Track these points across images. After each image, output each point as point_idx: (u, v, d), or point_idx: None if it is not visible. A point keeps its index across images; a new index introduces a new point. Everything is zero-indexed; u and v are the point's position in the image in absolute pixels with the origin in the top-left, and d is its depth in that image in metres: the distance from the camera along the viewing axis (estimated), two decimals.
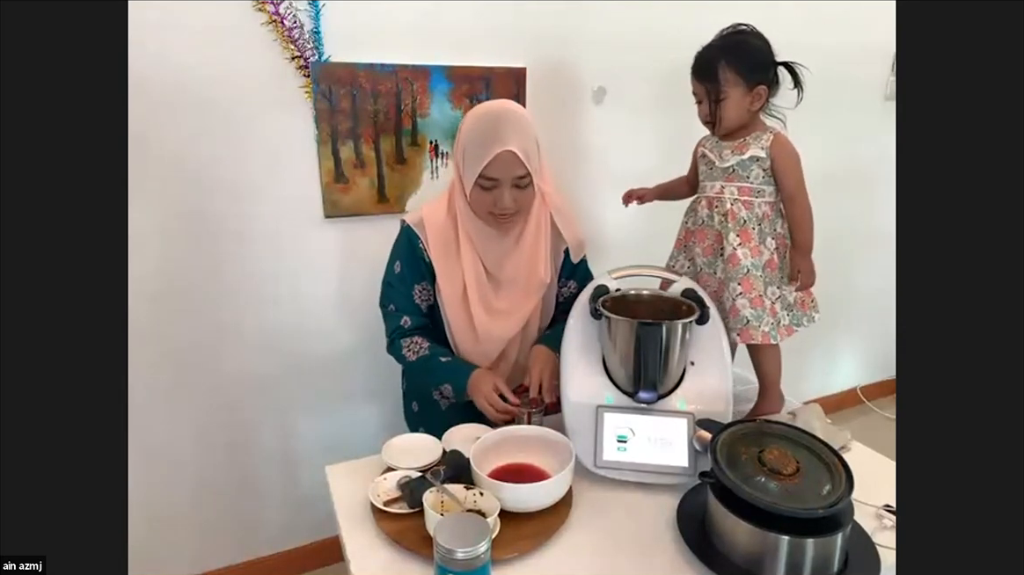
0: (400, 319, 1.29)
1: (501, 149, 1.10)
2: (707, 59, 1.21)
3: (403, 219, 1.29)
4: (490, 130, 1.13)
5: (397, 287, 1.29)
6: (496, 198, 1.15)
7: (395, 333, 1.30)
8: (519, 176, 1.14)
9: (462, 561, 0.72)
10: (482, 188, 1.15)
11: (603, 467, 1.06)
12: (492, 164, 1.11)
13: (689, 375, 1.11)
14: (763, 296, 1.21)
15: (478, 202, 1.18)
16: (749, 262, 1.20)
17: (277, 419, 1.77)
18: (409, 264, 1.28)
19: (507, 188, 1.14)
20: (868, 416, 2.84)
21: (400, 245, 1.30)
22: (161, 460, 1.65)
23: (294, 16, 1.48)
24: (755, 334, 1.20)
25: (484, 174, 1.13)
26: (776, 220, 1.23)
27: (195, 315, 1.59)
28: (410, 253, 1.28)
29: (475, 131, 1.14)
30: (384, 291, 1.32)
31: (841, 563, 0.84)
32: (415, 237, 1.26)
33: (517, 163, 1.13)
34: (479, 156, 1.12)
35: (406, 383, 1.47)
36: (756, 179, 1.21)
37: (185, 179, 1.50)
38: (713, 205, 1.25)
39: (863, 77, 2.38)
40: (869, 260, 2.64)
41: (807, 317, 1.27)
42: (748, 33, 1.22)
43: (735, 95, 1.19)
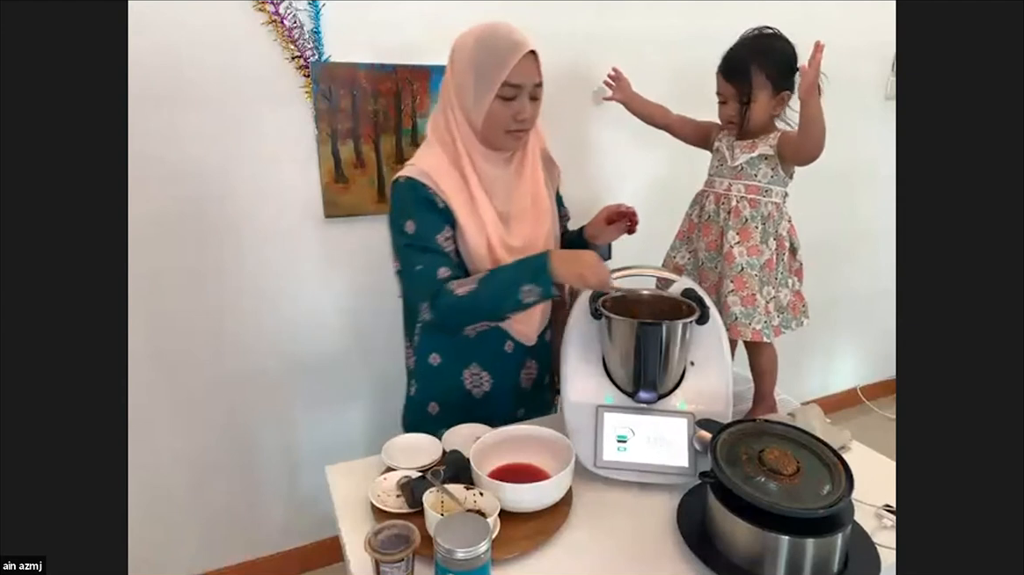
0: (436, 271, 1.13)
1: (525, 50, 1.09)
2: (739, 59, 1.20)
3: (398, 177, 1.17)
4: (505, 37, 1.11)
5: (420, 243, 1.14)
6: (518, 109, 1.12)
7: (437, 285, 1.12)
8: (536, 84, 1.13)
9: (462, 561, 0.72)
10: (503, 100, 1.11)
11: (603, 467, 1.05)
12: (516, 69, 1.09)
13: (689, 375, 1.11)
14: (757, 295, 1.21)
15: (496, 120, 1.13)
16: (744, 260, 1.21)
17: (277, 419, 1.77)
18: (426, 215, 1.15)
19: (527, 97, 1.13)
20: (868, 416, 2.84)
21: (407, 201, 1.16)
22: (161, 460, 1.65)
23: (294, 16, 1.48)
24: (744, 331, 1.21)
25: (508, 81, 1.09)
26: (780, 221, 1.24)
27: (195, 315, 1.59)
28: (423, 204, 1.15)
29: (486, 43, 1.11)
30: (404, 256, 1.16)
31: (841, 563, 0.84)
32: (423, 187, 1.14)
33: (536, 67, 1.12)
34: (500, 65, 1.09)
35: (417, 386, 1.32)
36: (764, 178, 1.22)
37: (185, 179, 1.50)
38: (720, 201, 1.26)
39: (863, 77, 2.38)
40: (869, 259, 2.64)
41: (796, 321, 1.29)
42: (778, 37, 1.22)
43: (763, 98, 1.20)
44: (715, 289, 1.26)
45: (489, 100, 1.11)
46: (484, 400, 1.27)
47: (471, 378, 1.27)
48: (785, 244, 1.25)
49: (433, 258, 1.14)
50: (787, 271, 1.27)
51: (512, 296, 1.08)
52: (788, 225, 1.26)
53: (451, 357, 1.26)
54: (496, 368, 1.27)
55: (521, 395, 1.31)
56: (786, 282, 1.26)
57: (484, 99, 1.11)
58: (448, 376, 1.27)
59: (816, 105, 1.10)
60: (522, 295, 1.07)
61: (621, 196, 1.48)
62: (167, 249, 1.52)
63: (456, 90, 1.15)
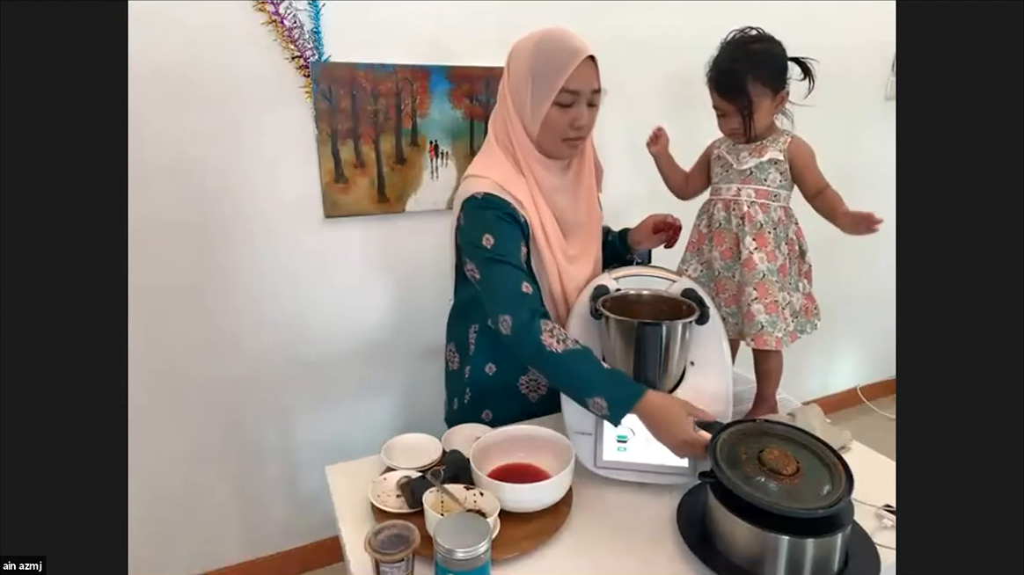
0: (520, 284, 1.07)
1: (584, 56, 1.08)
2: (733, 75, 1.18)
3: (473, 195, 1.13)
4: (564, 41, 1.09)
5: (500, 256, 1.09)
6: (575, 116, 1.11)
7: (525, 300, 1.06)
8: (594, 90, 1.12)
9: (462, 561, 0.72)
10: (561, 107, 1.10)
11: (603, 467, 1.06)
12: (575, 75, 1.08)
13: (689, 375, 1.11)
14: (777, 302, 1.20)
15: (554, 127, 1.11)
16: (765, 266, 1.19)
17: (277, 419, 1.77)
18: (505, 230, 1.11)
19: (584, 103, 1.12)
20: (868, 416, 2.84)
21: (486, 218, 1.11)
22: (161, 460, 1.65)
23: (294, 16, 1.48)
24: (769, 339, 1.19)
25: (567, 87, 1.08)
26: (789, 225, 1.23)
27: (195, 315, 1.59)
28: (503, 219, 1.11)
29: (545, 49, 1.10)
30: (485, 268, 1.10)
31: (841, 563, 0.84)
32: (502, 203, 1.12)
33: (595, 73, 1.11)
34: (559, 70, 1.08)
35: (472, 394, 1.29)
36: (773, 182, 1.20)
37: (185, 179, 1.50)
38: (730, 207, 1.23)
39: (863, 77, 2.38)
40: (869, 260, 2.64)
41: (810, 324, 1.27)
42: (765, 40, 1.20)
43: (764, 105, 1.19)
44: (734, 300, 1.24)
45: (547, 107, 1.10)
46: (539, 403, 1.27)
47: (528, 383, 1.27)
48: (795, 248, 1.24)
49: (516, 272, 1.10)
50: (798, 274, 1.26)
51: (582, 394, 1.01)
52: (796, 228, 1.25)
53: (508, 365, 1.25)
54: None
55: None
56: (797, 286, 1.25)
57: (542, 106, 1.10)
58: (505, 383, 1.27)
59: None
60: (590, 403, 1.00)
61: (622, 196, 1.47)
62: (167, 249, 1.52)
63: (513, 96, 1.14)
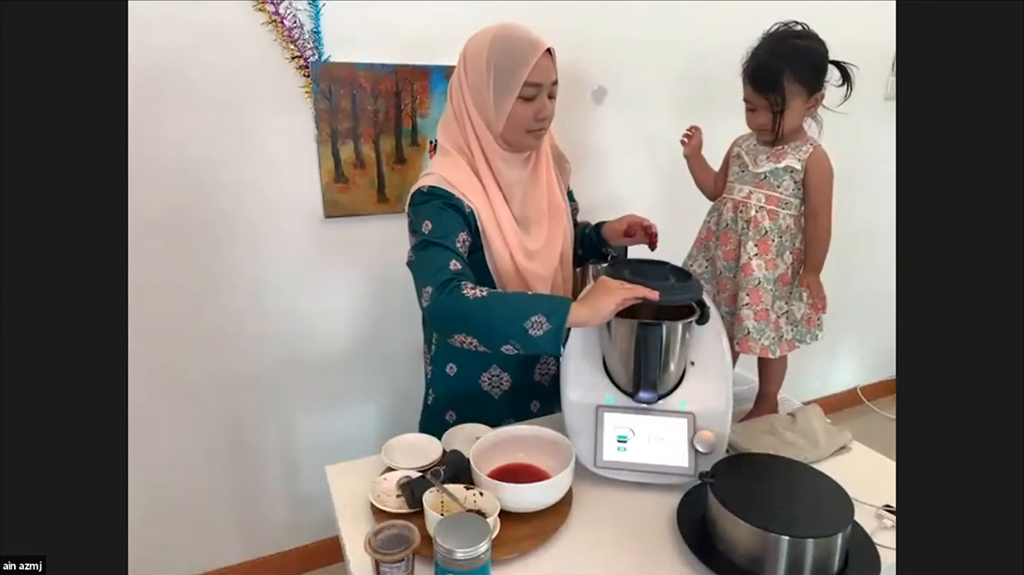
0: (448, 261, 1.07)
1: (543, 49, 1.09)
2: (770, 70, 1.14)
3: (419, 187, 1.15)
4: (521, 37, 1.11)
5: (435, 239, 1.10)
6: (539, 108, 1.13)
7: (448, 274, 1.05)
8: (553, 82, 1.14)
9: (462, 561, 0.72)
10: (524, 100, 1.11)
11: (603, 467, 1.05)
12: (536, 69, 1.09)
13: (689, 375, 1.11)
14: (769, 310, 1.20)
15: (519, 120, 1.12)
16: (761, 274, 1.19)
17: (277, 419, 1.77)
18: (444, 217, 1.12)
19: (546, 95, 1.13)
20: (868, 416, 2.84)
21: (426, 207, 1.13)
22: (161, 460, 1.65)
23: (294, 16, 1.48)
24: (754, 346, 1.20)
25: (529, 81, 1.09)
26: (797, 235, 1.22)
27: (195, 315, 1.59)
28: (443, 208, 1.13)
29: (504, 44, 1.10)
30: (417, 249, 1.12)
31: (841, 563, 0.84)
32: (446, 193, 1.13)
33: (553, 65, 1.13)
34: (521, 65, 1.09)
35: (435, 395, 1.32)
36: (786, 190, 1.19)
37: (185, 179, 1.50)
38: (738, 209, 1.23)
39: (863, 77, 2.38)
40: (869, 260, 2.64)
41: (811, 335, 1.26)
42: (809, 37, 1.17)
43: (797, 104, 1.15)
44: (732, 300, 1.24)
45: (511, 101, 1.10)
46: (502, 399, 1.28)
47: (490, 380, 1.27)
48: (801, 258, 1.23)
49: (448, 252, 1.09)
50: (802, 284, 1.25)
51: (517, 322, 0.98)
52: (803, 237, 1.24)
53: (469, 363, 1.26)
54: (515, 366, 1.27)
55: (537, 390, 1.32)
56: (800, 295, 1.24)
57: (505, 100, 1.11)
58: (465, 383, 1.28)
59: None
60: (528, 327, 0.97)
61: (622, 195, 1.47)
62: (167, 249, 1.52)
63: (472, 93, 1.14)
